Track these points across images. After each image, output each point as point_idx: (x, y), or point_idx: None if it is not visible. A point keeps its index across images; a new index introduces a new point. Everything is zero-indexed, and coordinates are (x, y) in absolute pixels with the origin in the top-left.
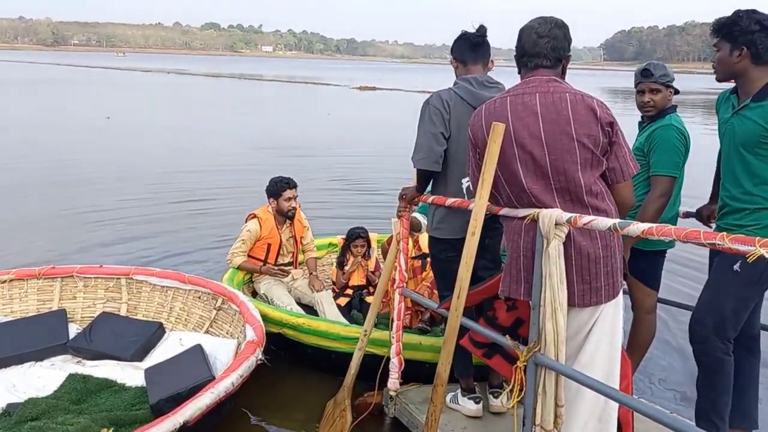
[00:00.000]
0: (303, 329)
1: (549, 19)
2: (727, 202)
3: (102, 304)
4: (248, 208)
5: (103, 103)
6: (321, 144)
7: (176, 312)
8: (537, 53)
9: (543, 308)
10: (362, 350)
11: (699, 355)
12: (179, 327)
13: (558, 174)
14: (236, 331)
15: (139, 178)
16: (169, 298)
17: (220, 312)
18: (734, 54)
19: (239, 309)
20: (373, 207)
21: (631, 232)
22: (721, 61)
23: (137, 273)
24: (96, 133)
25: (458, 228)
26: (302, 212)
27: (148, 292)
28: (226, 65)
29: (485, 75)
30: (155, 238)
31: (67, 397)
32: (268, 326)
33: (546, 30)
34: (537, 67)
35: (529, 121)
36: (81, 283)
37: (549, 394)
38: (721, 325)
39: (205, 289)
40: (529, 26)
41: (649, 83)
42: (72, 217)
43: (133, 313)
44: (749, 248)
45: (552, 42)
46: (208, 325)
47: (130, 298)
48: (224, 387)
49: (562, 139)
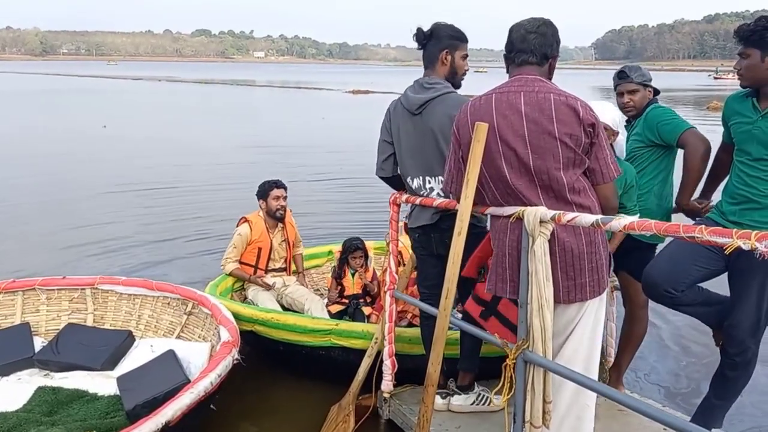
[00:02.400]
0: (272, 324)
1: (538, 18)
2: (753, 198)
3: (67, 315)
4: (241, 215)
5: (99, 111)
6: (316, 149)
7: (145, 319)
8: (524, 48)
9: (530, 305)
10: (372, 357)
11: (733, 356)
12: (149, 334)
13: (541, 173)
14: (209, 335)
15: (133, 186)
16: (137, 305)
17: (191, 317)
18: (766, 60)
19: (211, 312)
20: (369, 213)
21: (613, 227)
22: (751, 68)
23: (103, 282)
24: (93, 142)
25: (418, 217)
26: (293, 217)
27: (114, 301)
28: (218, 72)
29: (429, 77)
30: (141, 247)
31: (38, 410)
32: (241, 325)
33: (535, 27)
34: (524, 64)
35: (513, 119)
36: (44, 296)
37: (537, 390)
38: (757, 326)
39: (174, 294)
40: (519, 23)
41: (626, 84)
42: (65, 230)
43: (100, 323)
44: (726, 240)
45: (540, 38)
46: (179, 331)
47: (96, 308)
48: (203, 386)
49: (545, 138)
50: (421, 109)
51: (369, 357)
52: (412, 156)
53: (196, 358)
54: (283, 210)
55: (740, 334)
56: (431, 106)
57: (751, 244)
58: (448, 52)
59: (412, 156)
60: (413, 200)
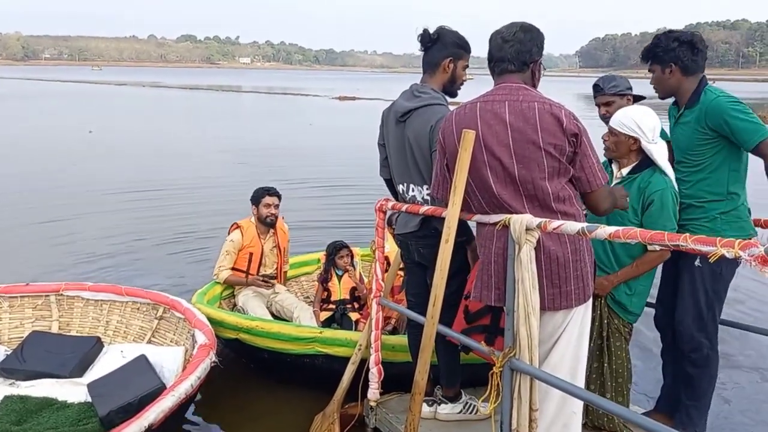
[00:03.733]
0: (257, 332)
1: (516, 24)
2: (683, 200)
3: (30, 323)
4: (231, 222)
5: (84, 117)
6: (304, 154)
7: (114, 325)
8: (502, 57)
9: (516, 313)
10: (356, 364)
11: (688, 353)
12: (118, 340)
13: (526, 182)
14: (182, 339)
15: (120, 192)
16: (105, 311)
17: (162, 321)
18: (666, 72)
19: (184, 316)
20: (357, 219)
21: (599, 235)
22: (658, 81)
23: (68, 288)
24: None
25: (401, 225)
26: (285, 224)
27: (81, 307)
28: (204, 77)
29: (422, 84)
30: (128, 254)
31: (6, 419)
32: (225, 333)
33: (511, 34)
34: (503, 72)
35: (498, 129)
36: (6, 303)
37: (524, 398)
38: (700, 321)
39: (144, 299)
40: (496, 31)
41: (600, 97)
42: (50, 237)
43: (66, 330)
44: (711, 248)
45: (517, 46)
46: (150, 336)
47: (61, 315)
48: (184, 389)
49: (530, 148)
50: (404, 117)
51: (353, 364)
52: (397, 162)
53: (169, 363)
54: (273, 217)
55: (686, 329)
56: (414, 115)
57: (735, 253)
58: (451, 60)
59: (397, 162)
60: (399, 207)
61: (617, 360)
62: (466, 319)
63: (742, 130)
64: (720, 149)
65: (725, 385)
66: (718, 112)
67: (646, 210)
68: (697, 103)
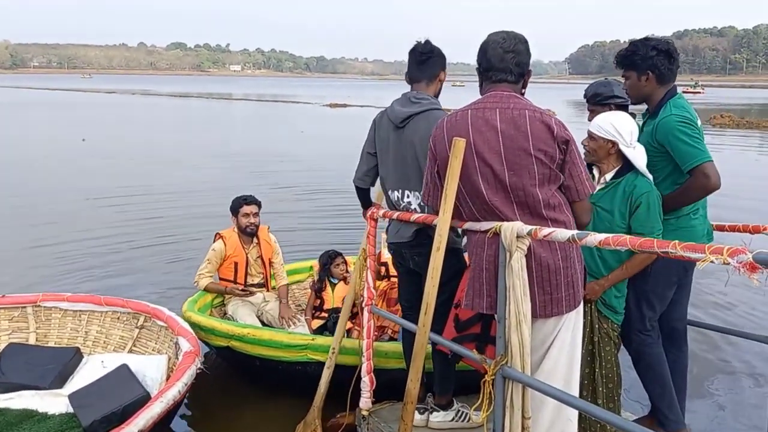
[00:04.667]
0: (248, 339)
1: (512, 34)
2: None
3: (7, 335)
4: (219, 229)
5: (76, 126)
6: (294, 161)
7: (93, 335)
8: (503, 68)
9: (508, 320)
10: (331, 368)
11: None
12: (98, 350)
13: (517, 189)
14: (164, 347)
15: (109, 202)
16: (84, 322)
17: (143, 330)
18: (642, 79)
19: (166, 324)
20: (349, 227)
21: (588, 242)
22: (632, 87)
23: (46, 300)
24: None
25: (393, 233)
26: (272, 234)
27: (59, 318)
28: (194, 85)
29: (417, 91)
30: (118, 264)
31: None
32: (217, 341)
33: (511, 45)
34: (501, 81)
35: (489, 136)
36: None
37: (516, 406)
38: (638, 318)
39: (124, 309)
40: (494, 41)
41: (589, 107)
42: (38, 248)
43: (43, 342)
44: (699, 255)
45: (517, 57)
46: (131, 345)
47: (38, 327)
48: (172, 395)
49: (521, 155)
50: (404, 123)
51: (328, 369)
52: (393, 169)
53: (152, 371)
54: (253, 227)
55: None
56: (414, 120)
57: (723, 259)
58: (443, 72)
59: (393, 169)
60: (390, 215)
61: (607, 365)
62: (457, 328)
63: (683, 152)
64: (667, 163)
65: (719, 391)
66: (665, 130)
67: (634, 213)
68: (656, 116)
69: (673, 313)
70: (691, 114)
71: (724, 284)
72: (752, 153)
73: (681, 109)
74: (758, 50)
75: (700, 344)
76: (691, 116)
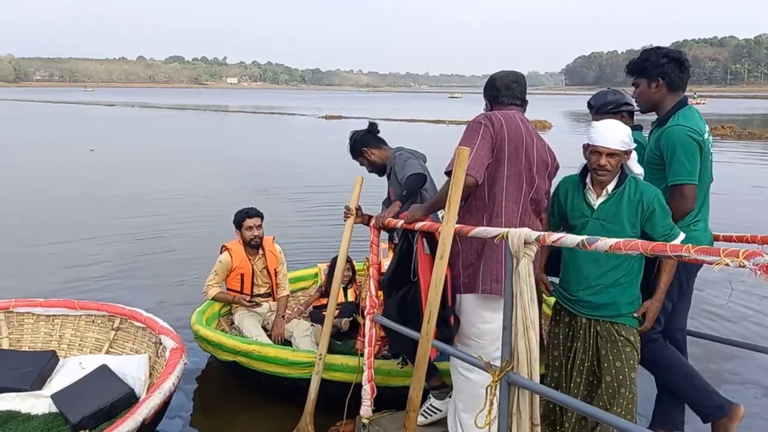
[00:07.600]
0: (254, 356)
1: (513, 73)
2: None
3: None
4: (222, 242)
5: (84, 137)
6: (295, 171)
7: (68, 338)
8: (514, 95)
9: (515, 327)
10: (319, 374)
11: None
12: (74, 353)
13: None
14: (143, 347)
15: (115, 213)
16: (58, 326)
17: (119, 332)
18: (652, 86)
19: (145, 324)
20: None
21: (599, 247)
22: (642, 95)
23: (18, 305)
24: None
25: None
26: (277, 245)
27: (31, 323)
28: (192, 97)
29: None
30: (122, 273)
31: None
32: (223, 355)
33: (517, 79)
34: (512, 105)
35: (533, 142)
36: None
37: (524, 413)
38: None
39: (99, 312)
40: (503, 75)
41: (596, 117)
42: (44, 255)
43: (17, 347)
44: (714, 258)
45: (520, 89)
46: (108, 347)
47: (11, 332)
48: (167, 388)
49: (545, 165)
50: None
51: (317, 374)
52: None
53: (132, 371)
54: (257, 239)
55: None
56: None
57: (739, 262)
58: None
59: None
60: (394, 224)
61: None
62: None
63: (674, 166)
64: (666, 174)
65: None
66: (668, 140)
67: (648, 218)
68: (664, 123)
69: (672, 323)
70: (699, 127)
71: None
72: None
73: (689, 119)
74: (760, 60)
75: (705, 355)
76: (698, 129)
